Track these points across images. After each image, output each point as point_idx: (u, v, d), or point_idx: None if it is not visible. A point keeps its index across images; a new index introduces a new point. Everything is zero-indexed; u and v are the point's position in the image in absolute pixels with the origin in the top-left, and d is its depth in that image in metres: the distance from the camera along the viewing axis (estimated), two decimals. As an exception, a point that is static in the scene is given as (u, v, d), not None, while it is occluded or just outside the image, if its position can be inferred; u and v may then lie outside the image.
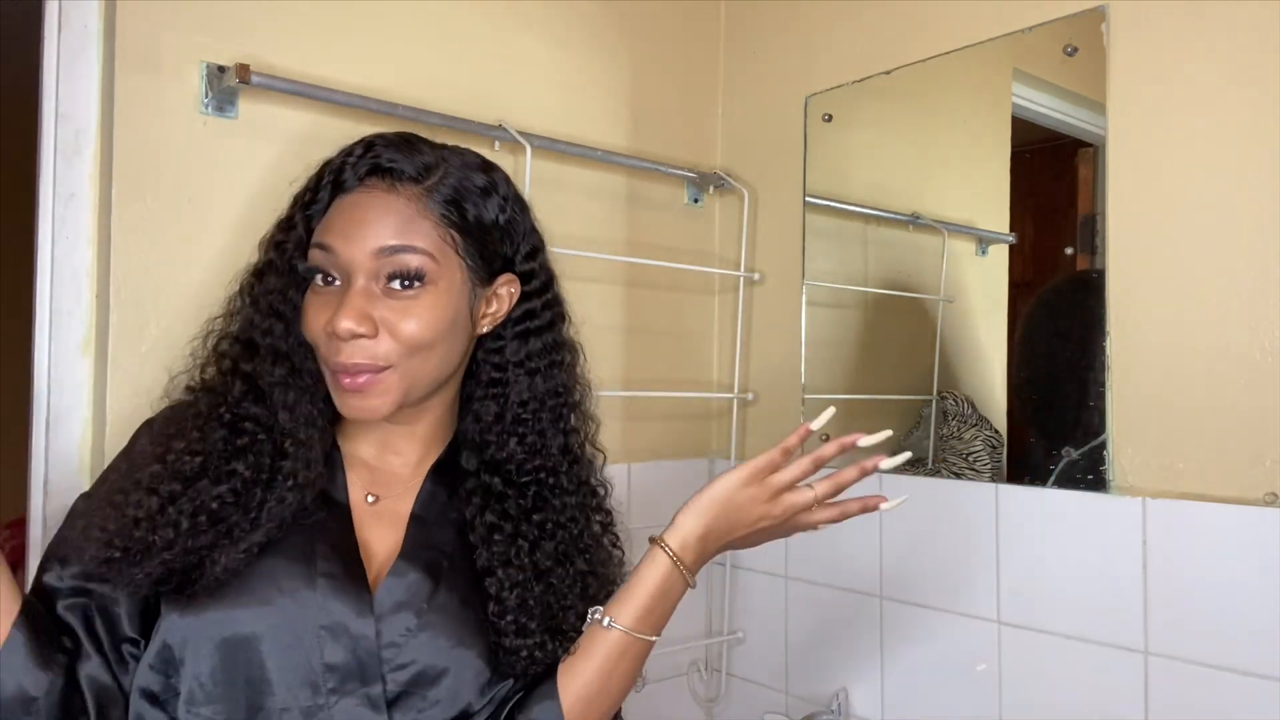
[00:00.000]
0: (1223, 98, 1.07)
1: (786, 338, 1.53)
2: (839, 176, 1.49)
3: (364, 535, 0.86)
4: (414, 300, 0.82)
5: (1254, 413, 1.04)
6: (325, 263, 0.82)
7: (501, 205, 0.89)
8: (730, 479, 0.89)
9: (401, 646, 0.81)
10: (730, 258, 1.62)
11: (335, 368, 0.82)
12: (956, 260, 1.38)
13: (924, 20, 1.36)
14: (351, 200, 0.83)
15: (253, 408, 0.84)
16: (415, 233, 0.82)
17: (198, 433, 0.83)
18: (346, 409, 0.83)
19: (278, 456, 0.84)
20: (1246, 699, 1.01)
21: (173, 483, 0.80)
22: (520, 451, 0.90)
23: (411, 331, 0.82)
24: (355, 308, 0.80)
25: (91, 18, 1.07)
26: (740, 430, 1.59)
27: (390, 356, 0.81)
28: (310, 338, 0.84)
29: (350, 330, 0.79)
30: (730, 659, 1.58)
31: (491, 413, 0.91)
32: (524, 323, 0.92)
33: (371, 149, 0.85)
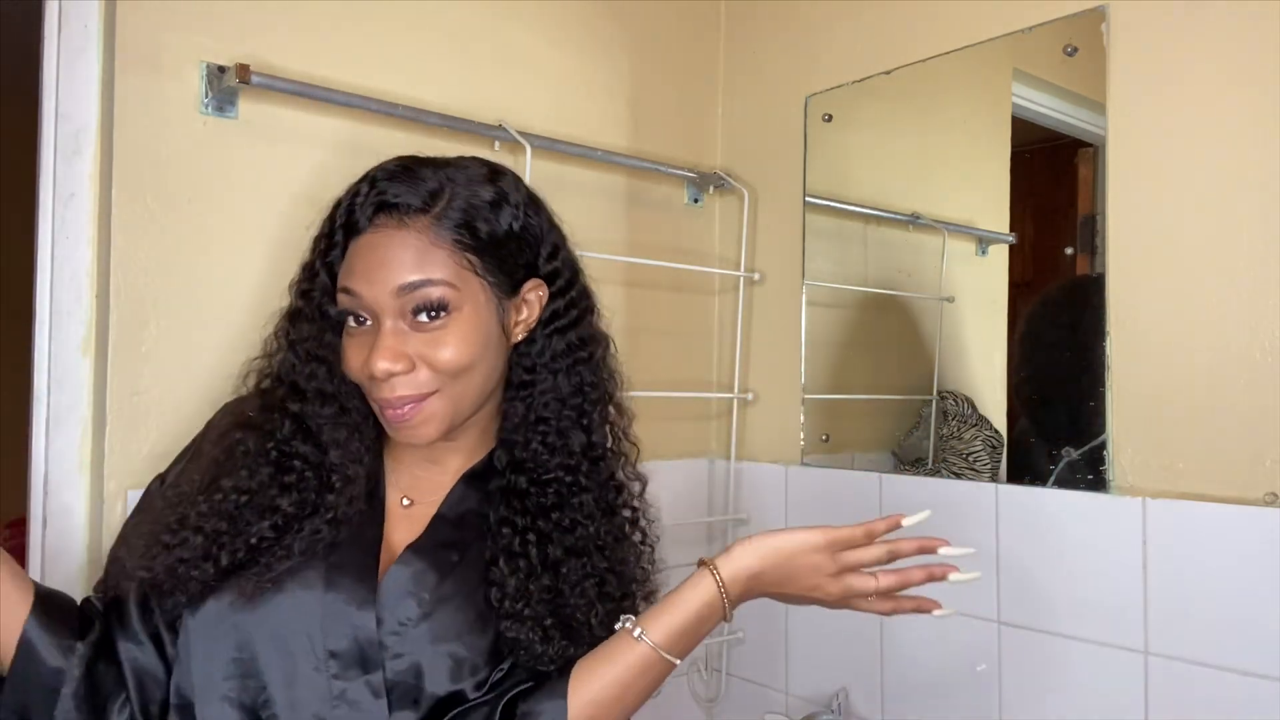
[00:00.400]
0: (1223, 98, 1.07)
1: (786, 338, 1.53)
2: (839, 176, 1.49)
3: (390, 534, 0.89)
4: (443, 330, 0.83)
5: (1254, 413, 1.04)
6: (353, 306, 0.84)
7: (514, 214, 0.88)
8: (805, 538, 0.86)
9: (402, 635, 0.82)
10: (730, 258, 1.62)
11: (381, 404, 0.85)
12: (956, 260, 1.38)
13: (924, 20, 1.36)
14: (366, 242, 0.85)
15: (301, 445, 0.87)
16: (431, 265, 0.83)
17: (246, 471, 0.85)
18: (400, 437, 0.86)
19: (324, 491, 0.86)
20: (1246, 699, 1.01)
21: (219, 520, 0.83)
22: (542, 450, 0.91)
23: (448, 359, 0.83)
24: (388, 348, 0.82)
25: (91, 18, 1.07)
26: (740, 430, 1.59)
27: (432, 383, 0.84)
28: (353, 377, 0.86)
29: (387, 370, 0.82)
30: (730, 659, 1.58)
31: (519, 413, 0.92)
32: (553, 322, 0.92)
33: (375, 186, 0.85)
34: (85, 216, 1.07)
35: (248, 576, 0.82)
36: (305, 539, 0.84)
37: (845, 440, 1.48)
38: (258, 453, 0.86)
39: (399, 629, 0.82)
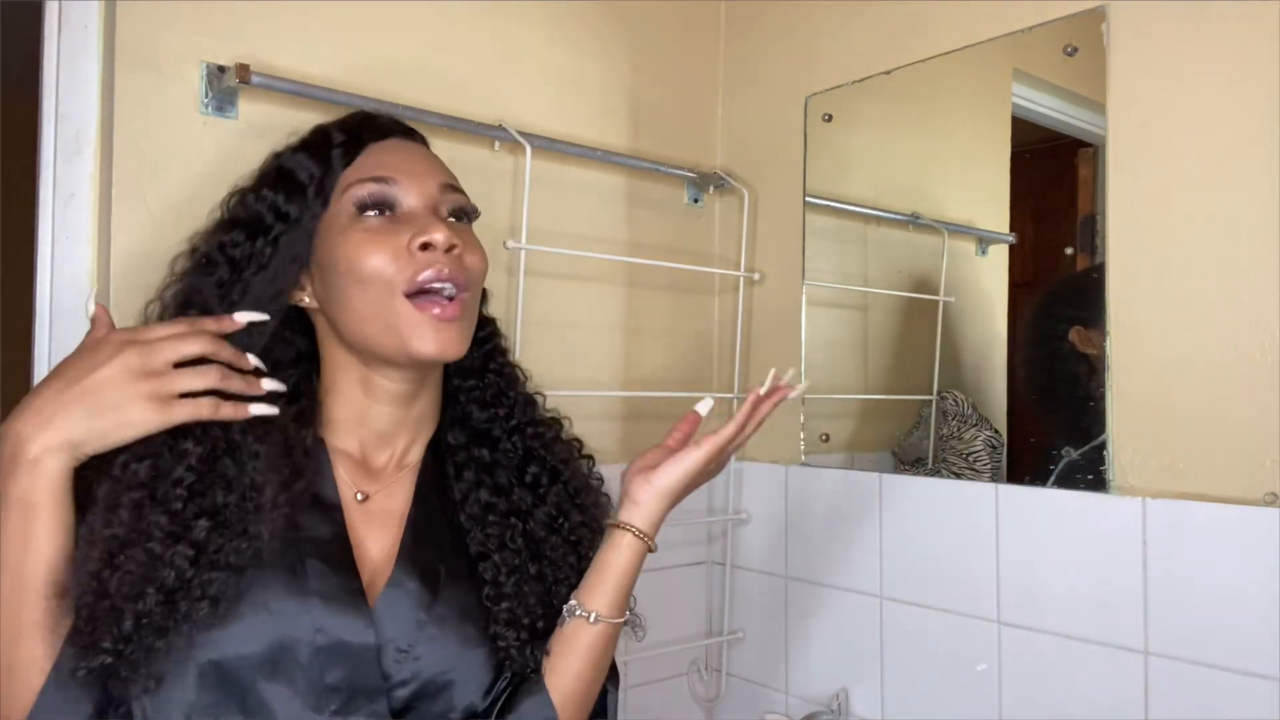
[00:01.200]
0: (1223, 98, 1.07)
1: (786, 338, 1.53)
2: (839, 176, 1.49)
3: (356, 539, 0.83)
4: (471, 234, 0.86)
5: (1254, 413, 1.04)
6: (385, 194, 0.82)
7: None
8: (695, 461, 0.89)
9: (403, 661, 0.79)
10: (730, 258, 1.62)
11: (425, 282, 0.79)
12: (956, 260, 1.38)
13: (924, 20, 1.36)
14: (392, 144, 0.87)
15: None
16: (455, 178, 0.89)
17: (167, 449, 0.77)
18: (429, 344, 0.79)
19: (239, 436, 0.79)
20: (1246, 699, 1.01)
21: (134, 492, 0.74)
22: (502, 411, 0.94)
23: (478, 259, 0.85)
24: (445, 223, 0.82)
25: (91, 18, 1.07)
26: (740, 430, 1.59)
27: (470, 277, 0.83)
28: (375, 270, 0.79)
29: (450, 239, 0.80)
30: (730, 659, 1.58)
31: (469, 383, 0.94)
32: (479, 331, 0.95)
33: (377, 116, 0.90)
34: (85, 216, 1.07)
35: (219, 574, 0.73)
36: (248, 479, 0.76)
37: (845, 440, 1.48)
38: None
39: (400, 654, 0.79)
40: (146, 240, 1.07)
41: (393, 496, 0.87)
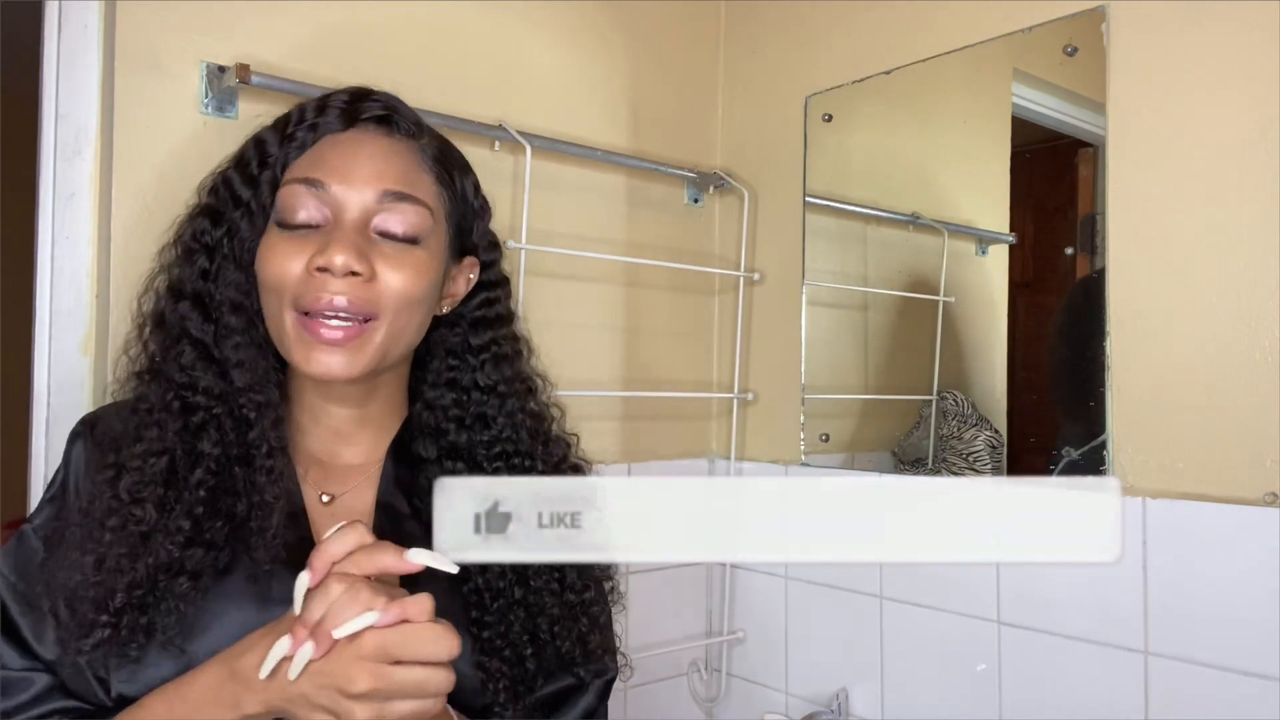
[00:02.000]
0: (1223, 97, 1.07)
1: (786, 338, 1.53)
2: (839, 176, 1.49)
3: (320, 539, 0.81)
4: (408, 252, 0.78)
5: (1254, 413, 1.04)
6: (309, 199, 0.76)
7: (476, 189, 0.88)
8: None
9: None
10: (730, 258, 1.62)
11: (313, 307, 0.74)
12: (956, 260, 1.38)
13: (924, 20, 1.36)
14: (346, 138, 0.79)
15: (203, 377, 0.78)
16: (417, 183, 0.79)
17: (155, 429, 0.77)
18: (311, 364, 0.75)
19: (242, 426, 0.78)
20: (1246, 699, 1.01)
21: (155, 487, 0.75)
22: (486, 436, 0.86)
23: (403, 284, 0.76)
24: (352, 243, 0.74)
25: (91, 18, 1.07)
26: (740, 430, 1.59)
27: (379, 305, 0.76)
28: (275, 279, 0.76)
29: (347, 265, 0.73)
30: (730, 659, 1.58)
31: (449, 399, 0.87)
32: (483, 310, 0.90)
33: (365, 96, 0.81)
34: (85, 216, 1.07)
35: (243, 542, 0.73)
36: (265, 485, 0.75)
37: (845, 440, 1.48)
38: (160, 406, 0.77)
39: None
40: (146, 240, 1.07)
41: (359, 498, 0.84)
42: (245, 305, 0.80)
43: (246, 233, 0.80)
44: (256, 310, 0.80)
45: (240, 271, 0.80)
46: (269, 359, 0.81)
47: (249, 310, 0.80)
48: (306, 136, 0.80)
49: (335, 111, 0.80)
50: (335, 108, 0.80)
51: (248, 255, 0.80)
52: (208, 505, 0.76)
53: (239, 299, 0.80)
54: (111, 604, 0.71)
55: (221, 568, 0.75)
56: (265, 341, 0.80)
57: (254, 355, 0.79)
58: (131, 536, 0.73)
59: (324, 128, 0.80)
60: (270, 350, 0.81)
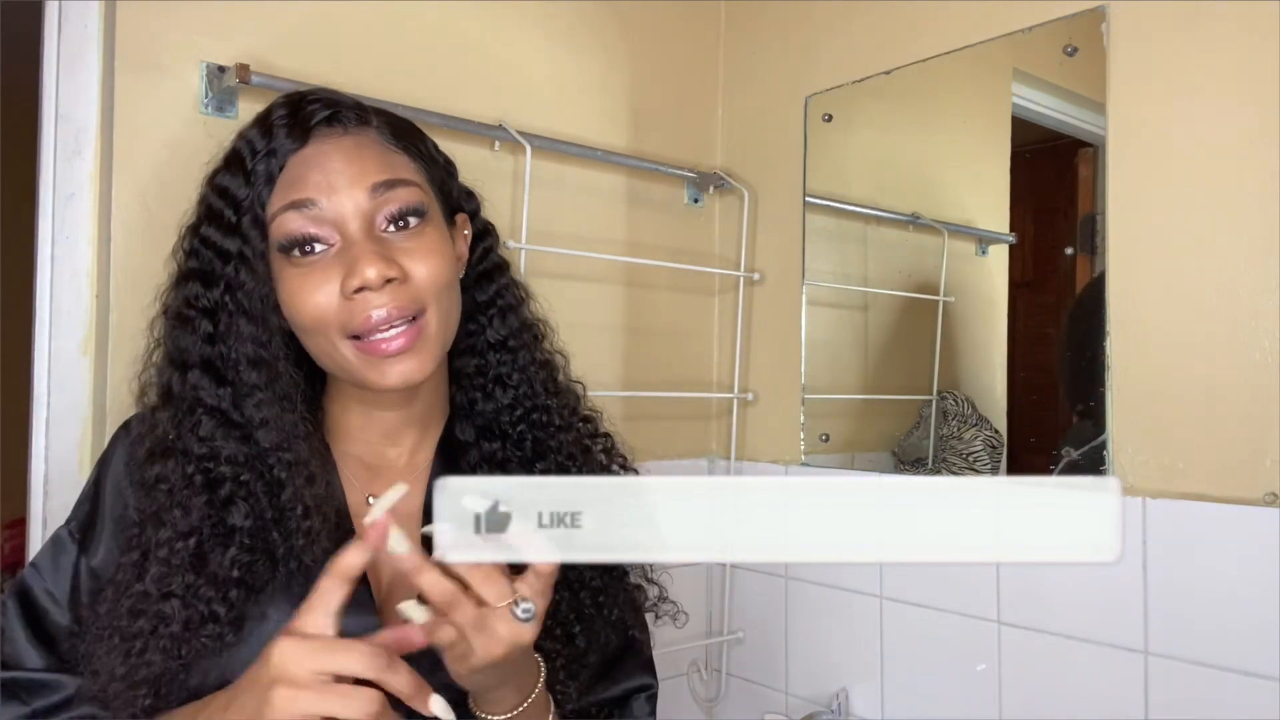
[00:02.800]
0: (1223, 97, 1.07)
1: (786, 338, 1.53)
2: (839, 176, 1.49)
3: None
4: (421, 237, 0.76)
5: (1254, 413, 1.04)
6: (307, 224, 0.74)
7: (436, 148, 0.86)
8: None
9: (435, 671, 0.73)
10: (730, 258, 1.62)
11: (367, 329, 0.73)
12: (956, 260, 1.38)
13: (924, 20, 1.36)
14: (310, 152, 0.75)
15: (225, 445, 0.75)
16: (396, 165, 0.78)
17: (179, 510, 0.74)
18: (387, 379, 0.74)
19: (274, 489, 0.75)
20: (1246, 699, 1.01)
21: (184, 574, 0.72)
22: (507, 397, 0.85)
23: (432, 270, 0.75)
24: (375, 253, 0.72)
25: (91, 18, 1.07)
26: (740, 430, 1.59)
27: (423, 298, 0.75)
28: (313, 317, 0.74)
29: (382, 276, 0.71)
30: (730, 659, 1.58)
31: (472, 365, 0.86)
32: (482, 263, 0.88)
33: (301, 104, 0.77)
34: (85, 216, 1.07)
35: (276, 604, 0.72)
36: (304, 548, 0.73)
37: (845, 440, 1.48)
38: (182, 484, 0.74)
39: (430, 666, 0.73)
40: (146, 240, 1.07)
41: (407, 500, 0.81)
42: (264, 358, 0.76)
43: (249, 283, 0.76)
44: (277, 358, 0.77)
45: (252, 324, 0.76)
46: (296, 409, 0.77)
47: (268, 362, 0.76)
48: (269, 166, 0.76)
49: (283, 131, 0.76)
50: (281, 127, 0.76)
51: (258, 305, 0.76)
52: (241, 585, 0.73)
53: (256, 353, 0.76)
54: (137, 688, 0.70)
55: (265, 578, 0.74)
56: (289, 394, 0.77)
57: (278, 411, 0.76)
58: (163, 639, 0.71)
59: (281, 151, 0.76)
60: (296, 404, 0.77)
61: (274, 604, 0.74)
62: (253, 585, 0.73)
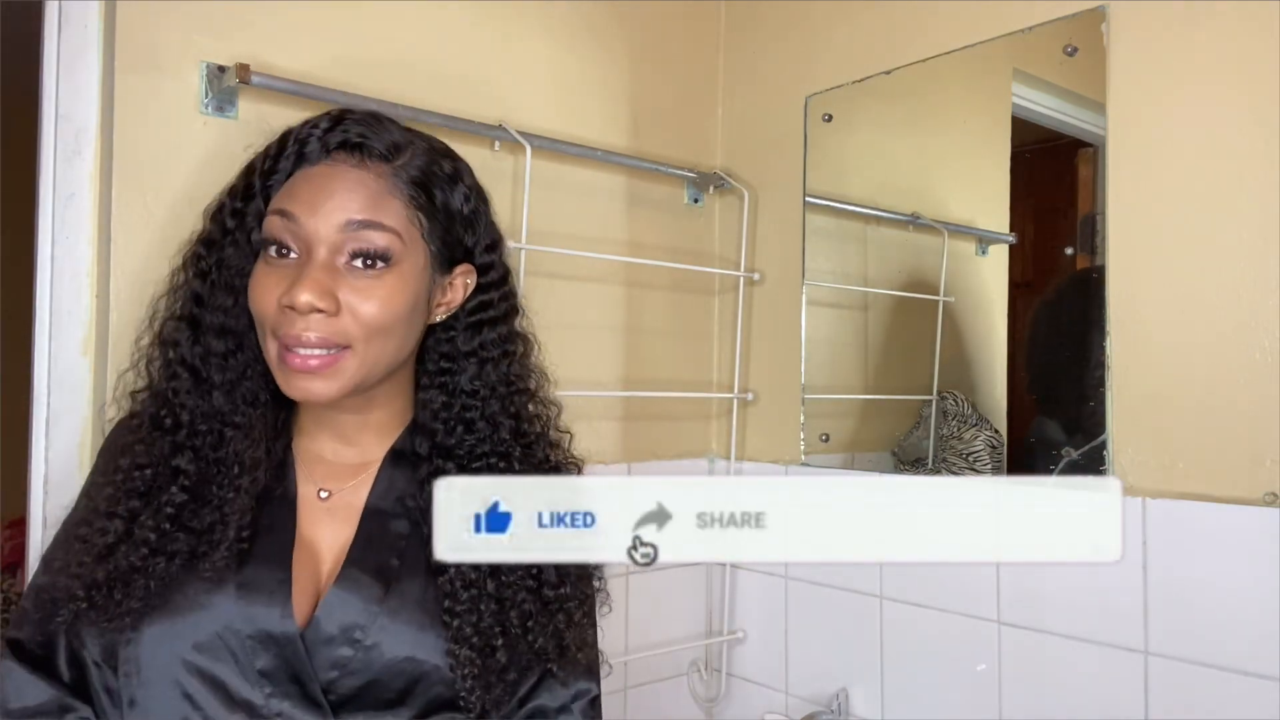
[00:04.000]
0: (1223, 97, 1.07)
1: (786, 338, 1.53)
2: (839, 176, 1.49)
3: (313, 532, 0.85)
4: (377, 281, 0.81)
5: (1254, 413, 1.04)
6: (283, 231, 0.80)
7: (466, 195, 0.88)
8: None
9: (356, 649, 0.80)
10: (730, 258, 1.62)
11: (287, 341, 0.79)
12: (956, 260, 1.38)
13: (924, 20, 1.36)
14: (318, 171, 0.81)
15: (196, 400, 0.84)
16: (384, 210, 0.81)
17: (142, 445, 0.83)
18: (292, 389, 0.80)
19: (219, 444, 0.83)
20: (1246, 699, 1.01)
21: (130, 500, 0.81)
22: (470, 438, 0.89)
23: (372, 313, 0.80)
24: (316, 280, 0.78)
25: (91, 18, 1.07)
26: (740, 430, 1.59)
27: (349, 336, 0.80)
28: (258, 311, 0.81)
29: (310, 304, 0.77)
30: (730, 659, 1.58)
31: (439, 401, 0.90)
32: (477, 314, 0.91)
33: (341, 122, 0.83)
34: (85, 216, 1.07)
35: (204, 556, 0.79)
36: (231, 500, 0.81)
37: (845, 440, 1.48)
38: (150, 424, 0.84)
39: (351, 647, 0.80)
40: (146, 240, 1.07)
41: (356, 494, 0.88)
42: (232, 328, 0.84)
43: (234, 260, 0.84)
44: (245, 330, 0.85)
45: (230, 296, 0.84)
46: (255, 380, 0.85)
47: (236, 333, 0.85)
48: (286, 168, 0.83)
49: (315, 140, 0.82)
50: (314, 137, 0.83)
51: (236, 281, 0.84)
52: (175, 520, 0.80)
53: (226, 323, 0.84)
54: (73, 595, 0.78)
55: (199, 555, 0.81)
56: (250, 364, 0.85)
57: (235, 378, 0.84)
58: (96, 548, 0.79)
59: (301, 159, 0.83)
60: (255, 373, 0.86)
61: (199, 595, 0.80)
62: (186, 523, 0.80)
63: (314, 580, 0.83)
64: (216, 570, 0.79)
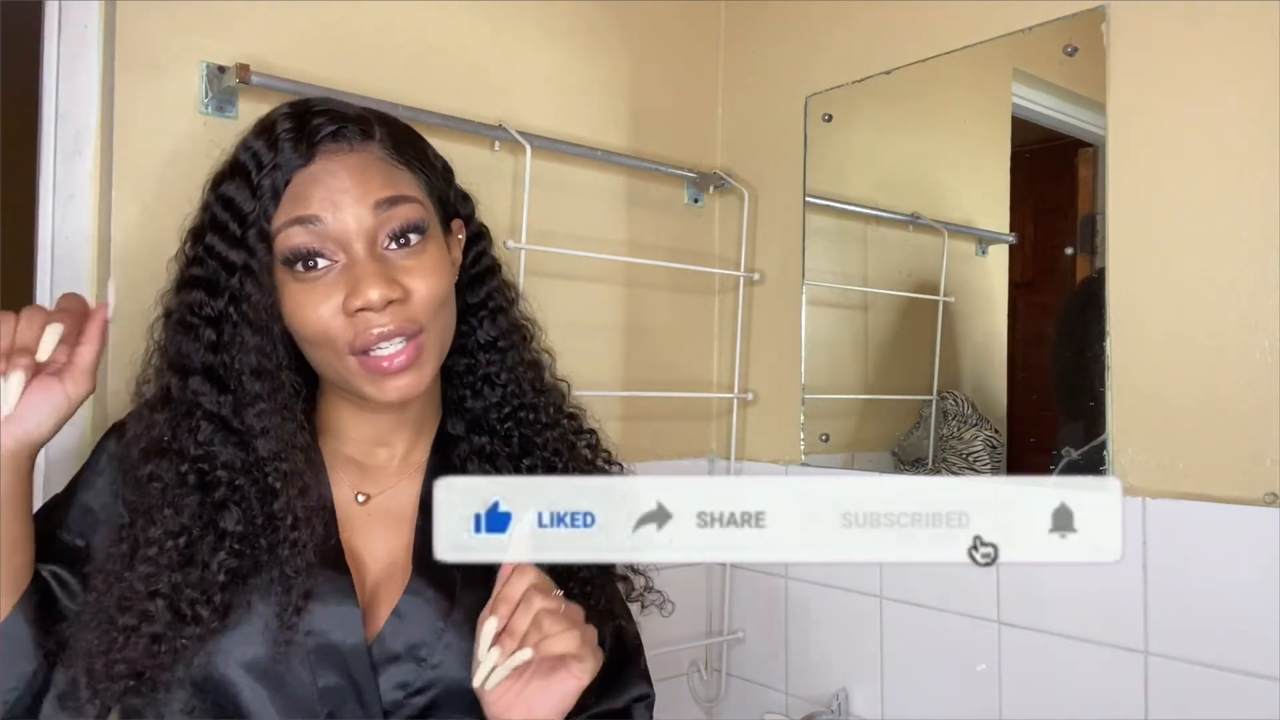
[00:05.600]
0: (1223, 97, 1.07)
1: (786, 338, 1.53)
2: (839, 176, 1.49)
3: (354, 540, 0.82)
4: (421, 255, 0.78)
5: (1254, 413, 1.04)
6: (312, 239, 0.75)
7: (434, 152, 0.87)
8: None
9: (422, 669, 0.78)
10: (730, 258, 1.62)
11: (367, 344, 0.75)
12: (956, 260, 1.38)
13: (924, 20, 1.36)
14: (318, 169, 0.76)
15: (222, 450, 0.77)
16: (398, 182, 0.79)
17: (170, 509, 0.75)
18: (386, 394, 0.76)
19: (267, 496, 0.76)
20: (1246, 699, 1.01)
21: (171, 574, 0.73)
22: (495, 395, 0.87)
23: (431, 289, 0.77)
24: (378, 273, 0.74)
25: (91, 18, 1.07)
26: (740, 430, 1.59)
27: (421, 318, 0.77)
28: (316, 332, 0.76)
29: (384, 298, 0.74)
30: (730, 659, 1.58)
31: (462, 365, 0.88)
32: (475, 267, 0.89)
33: (306, 118, 0.78)
34: (85, 216, 1.07)
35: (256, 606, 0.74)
36: (288, 557, 0.75)
37: (845, 440, 1.48)
38: (175, 483, 0.76)
39: (417, 664, 0.78)
40: (146, 240, 1.07)
41: (398, 497, 0.85)
42: (267, 368, 0.77)
43: (255, 294, 0.77)
44: (280, 368, 0.78)
45: (257, 335, 0.77)
46: (295, 418, 0.79)
47: (271, 372, 0.78)
48: (275, 180, 0.77)
49: (289, 145, 0.77)
50: (287, 141, 0.77)
51: (263, 316, 0.77)
52: (226, 589, 0.75)
53: (260, 364, 0.77)
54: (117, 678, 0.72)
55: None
56: (289, 404, 0.79)
57: (278, 421, 0.77)
58: (144, 636, 0.73)
59: (287, 166, 0.77)
60: (294, 412, 0.79)
61: (254, 605, 0.76)
62: (236, 598, 0.75)
63: (361, 591, 0.79)
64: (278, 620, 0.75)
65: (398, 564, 0.82)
